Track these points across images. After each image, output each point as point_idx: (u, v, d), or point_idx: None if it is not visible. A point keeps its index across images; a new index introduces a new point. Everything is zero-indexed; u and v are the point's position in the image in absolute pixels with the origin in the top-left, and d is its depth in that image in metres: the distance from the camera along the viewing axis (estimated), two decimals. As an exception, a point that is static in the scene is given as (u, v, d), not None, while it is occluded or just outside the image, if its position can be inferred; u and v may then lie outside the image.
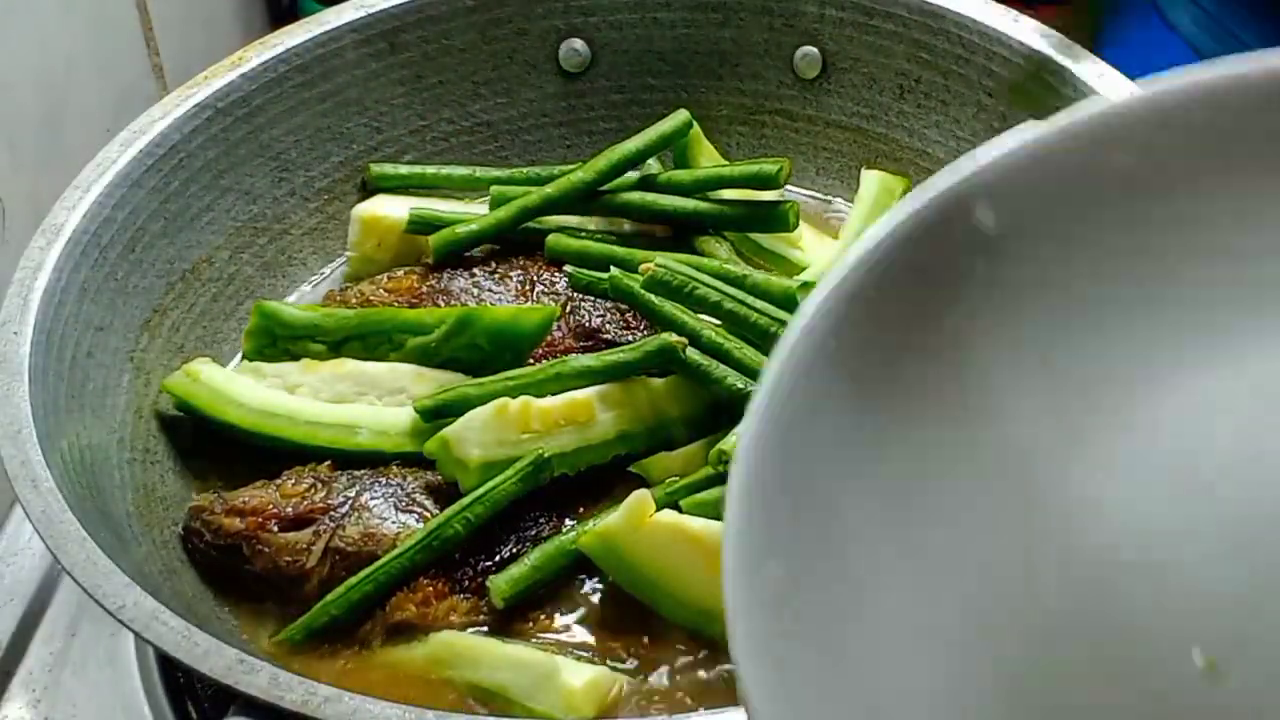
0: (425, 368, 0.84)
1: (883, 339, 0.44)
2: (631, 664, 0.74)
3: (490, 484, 0.76)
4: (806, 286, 0.83)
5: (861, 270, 0.44)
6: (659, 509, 0.74)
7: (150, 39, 1.12)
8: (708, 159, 0.97)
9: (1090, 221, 0.46)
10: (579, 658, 0.73)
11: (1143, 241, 0.45)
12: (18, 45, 0.97)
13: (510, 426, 0.78)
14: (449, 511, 0.76)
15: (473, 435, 0.77)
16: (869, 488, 0.43)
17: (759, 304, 0.82)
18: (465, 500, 0.76)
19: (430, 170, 0.97)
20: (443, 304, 0.88)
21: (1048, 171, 0.46)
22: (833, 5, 0.97)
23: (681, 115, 0.95)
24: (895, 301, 0.44)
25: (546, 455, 0.77)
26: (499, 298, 0.88)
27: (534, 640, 0.74)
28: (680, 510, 0.75)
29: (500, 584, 0.75)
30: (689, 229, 0.93)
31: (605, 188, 0.93)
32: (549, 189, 0.91)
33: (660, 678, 0.73)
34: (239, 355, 0.89)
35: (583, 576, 0.77)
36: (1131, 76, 0.87)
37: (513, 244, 0.92)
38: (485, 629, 0.75)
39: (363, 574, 0.75)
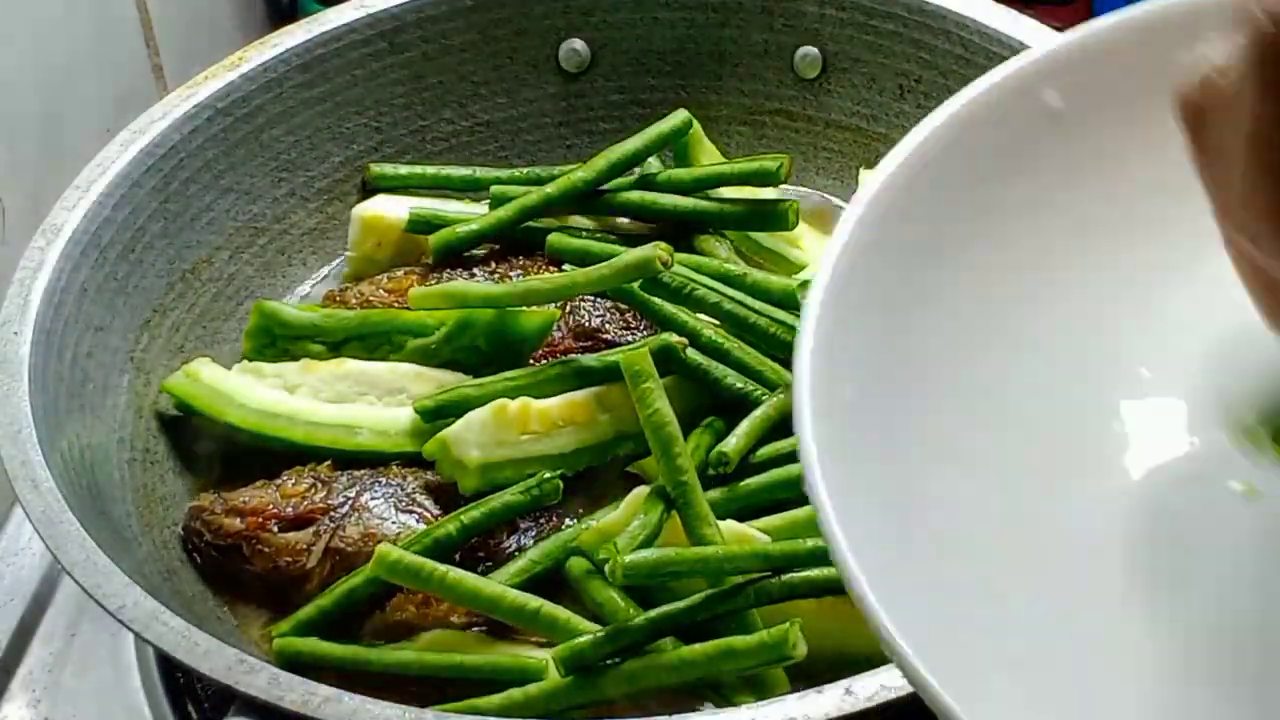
0: (425, 367, 0.84)
1: (958, 195, 0.48)
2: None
3: (493, 496, 0.76)
4: (806, 285, 0.83)
5: (941, 131, 0.47)
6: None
7: (150, 39, 1.12)
8: (708, 157, 0.97)
9: (1150, 106, 0.48)
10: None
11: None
12: (18, 45, 0.97)
13: (509, 427, 0.78)
14: (447, 518, 0.76)
15: (472, 436, 0.77)
16: (940, 322, 0.46)
17: (758, 304, 0.82)
18: (466, 507, 0.76)
19: (430, 170, 0.97)
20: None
21: (1110, 58, 0.49)
22: (833, 5, 0.97)
23: (681, 114, 0.95)
24: (968, 165, 0.48)
25: (557, 480, 0.76)
26: (499, 298, 0.88)
27: (532, 639, 0.74)
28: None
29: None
30: (689, 228, 0.93)
31: (605, 187, 0.93)
32: (549, 188, 0.91)
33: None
34: (239, 355, 0.89)
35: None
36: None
37: (513, 244, 0.92)
38: (485, 628, 0.75)
39: (358, 573, 0.75)
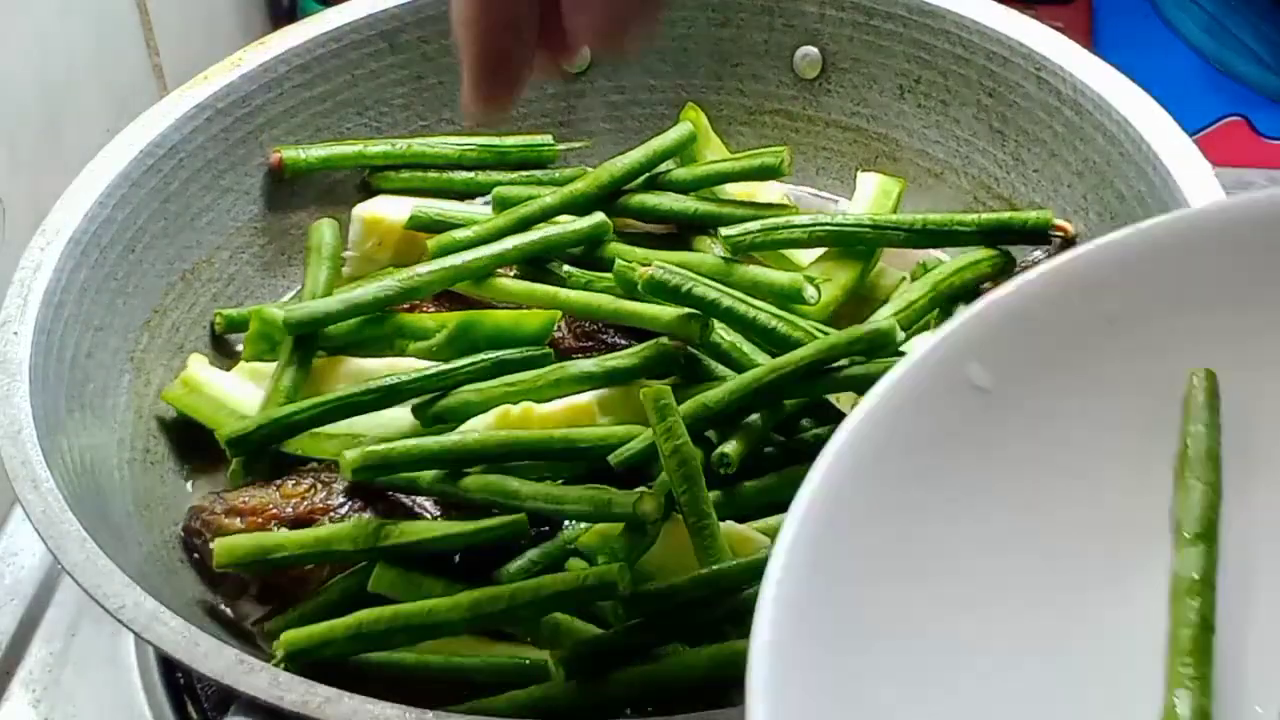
0: (425, 360, 0.84)
1: (891, 498, 0.44)
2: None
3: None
4: (811, 280, 0.83)
5: (868, 427, 0.45)
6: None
7: (150, 39, 1.12)
8: (714, 152, 0.97)
9: (1076, 365, 0.47)
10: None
11: (1134, 375, 0.46)
12: (18, 45, 0.97)
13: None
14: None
15: (475, 440, 0.77)
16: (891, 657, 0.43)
17: (758, 301, 0.82)
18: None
19: (431, 173, 0.97)
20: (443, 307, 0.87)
21: (1033, 323, 0.47)
22: (833, 5, 0.97)
23: (685, 127, 0.95)
24: (899, 458, 0.45)
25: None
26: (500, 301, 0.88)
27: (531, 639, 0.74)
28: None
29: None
30: (691, 229, 0.93)
31: (606, 189, 0.92)
32: (548, 199, 0.90)
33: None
34: (238, 353, 0.88)
35: (582, 577, 0.77)
36: (1132, 76, 0.87)
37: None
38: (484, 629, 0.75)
39: (358, 572, 0.75)
